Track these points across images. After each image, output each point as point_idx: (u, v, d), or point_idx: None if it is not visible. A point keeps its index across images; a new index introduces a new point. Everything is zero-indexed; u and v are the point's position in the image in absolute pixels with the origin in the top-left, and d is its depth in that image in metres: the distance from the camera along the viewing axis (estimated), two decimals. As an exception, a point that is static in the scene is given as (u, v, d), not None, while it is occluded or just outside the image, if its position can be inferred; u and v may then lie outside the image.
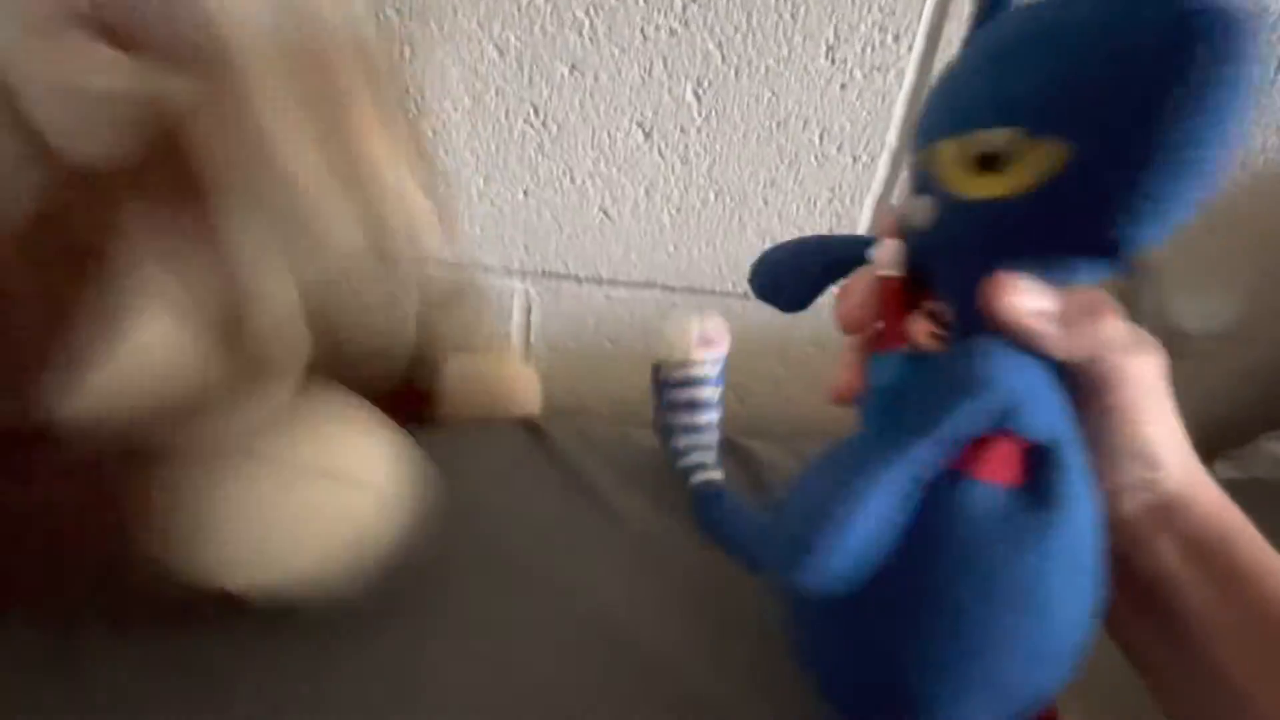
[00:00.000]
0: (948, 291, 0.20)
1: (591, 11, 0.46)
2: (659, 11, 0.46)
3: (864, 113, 0.49)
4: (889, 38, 0.47)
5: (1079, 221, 0.17)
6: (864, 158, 0.51)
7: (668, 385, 0.41)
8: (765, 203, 0.53)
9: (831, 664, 0.22)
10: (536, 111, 0.49)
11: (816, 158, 0.51)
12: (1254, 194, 0.53)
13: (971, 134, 0.17)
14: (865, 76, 0.48)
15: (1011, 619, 0.18)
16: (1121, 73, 0.15)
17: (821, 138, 0.50)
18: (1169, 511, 0.21)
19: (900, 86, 0.48)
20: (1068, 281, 0.18)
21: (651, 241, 0.55)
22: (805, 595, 0.21)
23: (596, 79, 0.48)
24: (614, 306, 0.58)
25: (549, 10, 0.46)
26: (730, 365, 0.61)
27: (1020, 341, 0.18)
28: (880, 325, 0.22)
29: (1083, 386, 0.20)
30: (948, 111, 0.19)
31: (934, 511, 0.18)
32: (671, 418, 0.41)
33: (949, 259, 0.20)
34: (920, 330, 0.20)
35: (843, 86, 0.48)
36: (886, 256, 0.21)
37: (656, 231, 0.54)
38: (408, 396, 0.50)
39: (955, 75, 0.19)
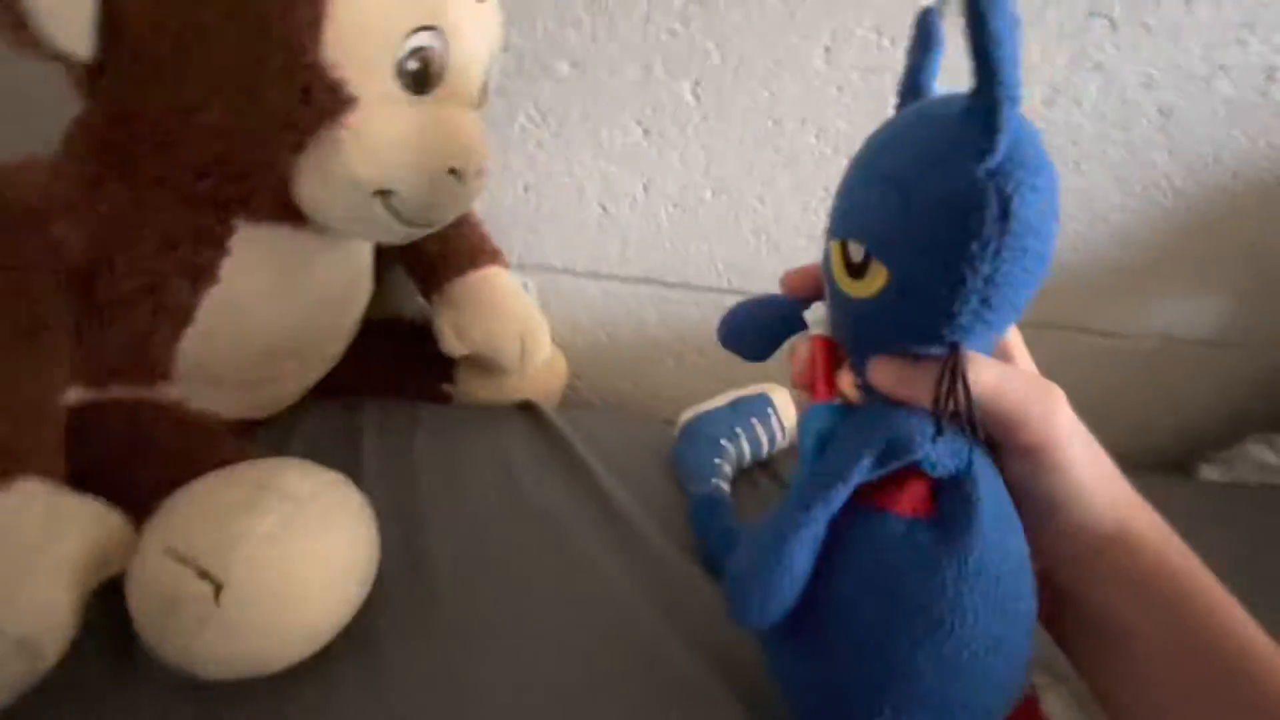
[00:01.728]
0: (854, 360, 0.24)
1: (592, 9, 0.46)
2: (659, 10, 0.46)
3: (860, 114, 0.50)
4: (886, 40, 0.47)
5: (908, 323, 0.20)
6: (859, 158, 0.52)
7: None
8: (761, 202, 0.54)
9: (789, 678, 0.25)
10: (537, 108, 0.50)
11: (813, 158, 0.52)
12: (1241, 203, 0.54)
13: (844, 243, 0.21)
14: (862, 78, 0.49)
15: (929, 636, 0.21)
16: (923, 225, 0.19)
17: (818, 137, 0.51)
18: (1110, 550, 0.23)
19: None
20: (931, 354, 0.21)
21: (649, 238, 0.55)
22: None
23: (596, 76, 0.49)
24: (610, 301, 0.59)
25: (550, 8, 0.46)
26: (719, 359, 0.62)
27: (900, 398, 0.22)
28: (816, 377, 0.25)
29: (996, 437, 0.22)
30: (839, 215, 0.22)
31: (856, 544, 0.22)
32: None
33: (847, 333, 0.23)
34: (846, 382, 0.24)
35: (839, 88, 0.49)
36: (821, 318, 0.24)
37: (654, 228, 0.55)
38: (425, 372, 0.52)
39: (849, 180, 0.22)
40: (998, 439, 0.23)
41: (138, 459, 0.34)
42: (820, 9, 0.46)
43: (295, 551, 0.29)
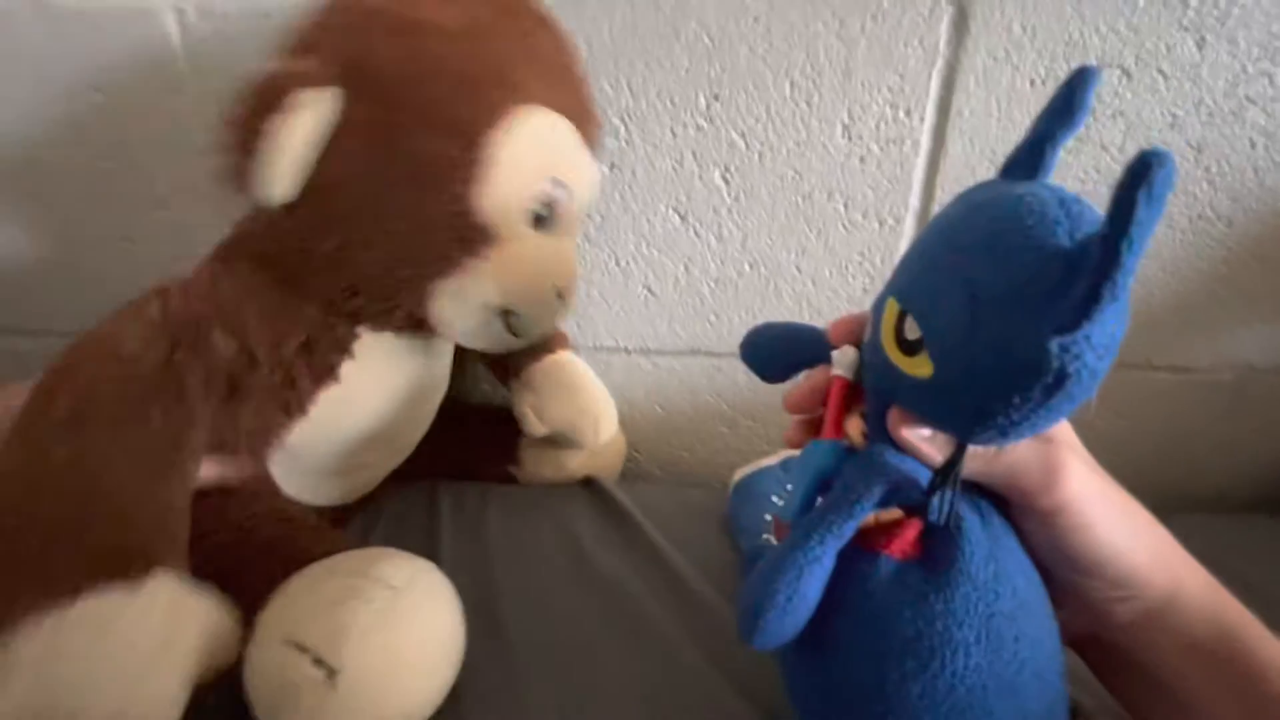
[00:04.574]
0: (872, 403, 0.24)
1: (626, 118, 0.52)
2: (685, 111, 0.51)
3: (884, 181, 0.52)
4: (900, 113, 0.50)
5: (931, 412, 0.22)
6: (889, 221, 0.54)
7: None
8: (799, 270, 0.56)
9: (802, 702, 0.26)
10: (582, 206, 0.55)
11: (844, 225, 0.54)
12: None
13: (903, 311, 0.21)
14: (882, 149, 0.51)
15: (921, 671, 0.22)
16: (979, 355, 0.19)
17: (846, 207, 0.54)
18: (1161, 615, 0.23)
19: (917, 155, 0.51)
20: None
21: (693, 313, 0.58)
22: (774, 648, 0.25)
23: (634, 174, 0.53)
24: (661, 374, 0.61)
25: (588, 121, 0.52)
26: (771, 423, 0.63)
27: (910, 453, 0.23)
28: (823, 414, 0.26)
29: (1013, 506, 0.24)
30: (908, 279, 0.22)
31: (850, 582, 0.24)
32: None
33: (873, 383, 0.24)
34: (855, 428, 0.25)
35: (861, 160, 0.52)
36: (843, 361, 0.25)
37: (697, 303, 0.58)
38: (492, 455, 0.55)
39: (931, 248, 0.22)
40: (1015, 507, 0.24)
41: (247, 552, 0.37)
42: (834, 93, 0.50)
43: (398, 637, 0.31)
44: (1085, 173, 0.51)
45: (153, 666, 0.29)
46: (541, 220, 0.39)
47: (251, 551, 0.37)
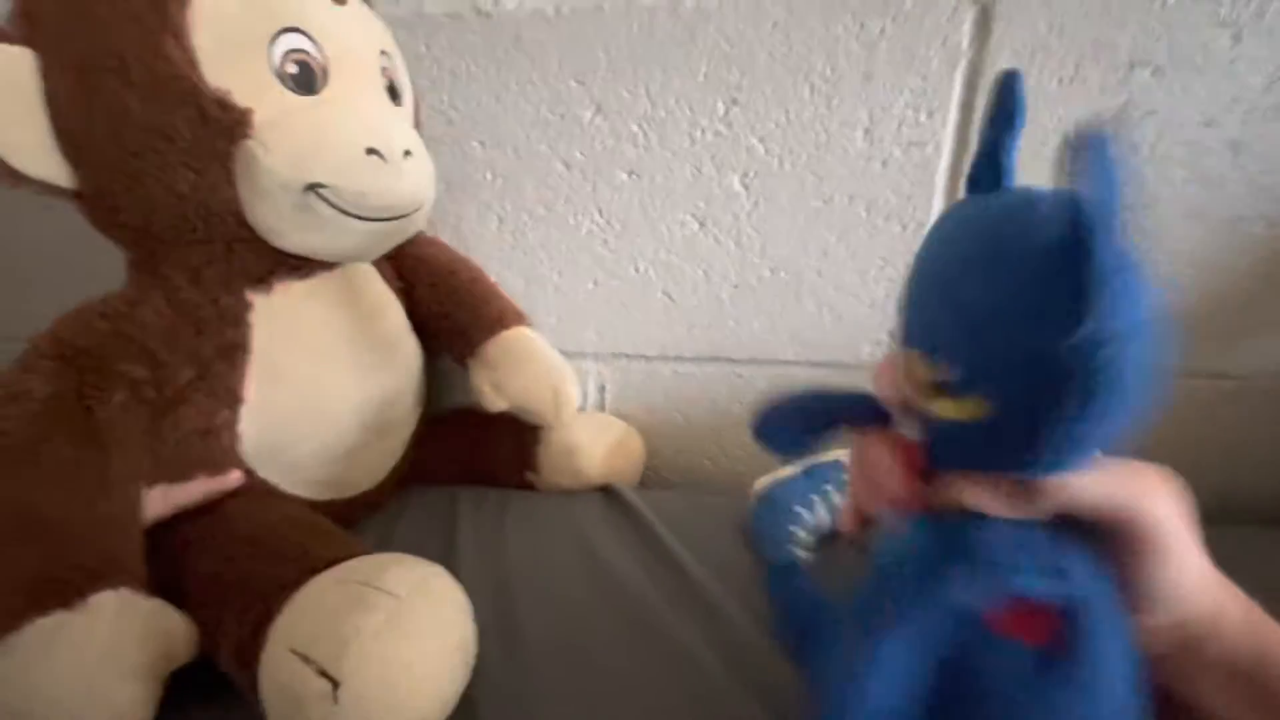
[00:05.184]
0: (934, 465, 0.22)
1: (644, 124, 0.52)
2: (704, 117, 0.51)
3: (907, 184, 0.52)
4: (922, 115, 0.49)
5: (1001, 453, 0.20)
6: (912, 225, 0.53)
7: None
8: (820, 274, 0.56)
9: None
10: (601, 213, 0.55)
11: (865, 229, 0.54)
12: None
13: (930, 359, 0.20)
14: (904, 152, 0.51)
15: None
16: (1032, 370, 0.18)
17: (868, 210, 0.53)
18: (1201, 643, 0.22)
19: (940, 157, 0.51)
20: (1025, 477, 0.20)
21: (712, 319, 0.58)
22: None
23: (652, 180, 0.53)
24: (681, 381, 0.61)
25: (607, 128, 0.52)
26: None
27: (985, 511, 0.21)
28: (888, 483, 0.23)
29: (1104, 537, 0.22)
30: (915, 321, 0.21)
31: (971, 669, 0.21)
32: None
33: (936, 444, 0.22)
34: (944, 492, 0.22)
35: (883, 163, 0.51)
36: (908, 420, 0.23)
37: (716, 309, 0.58)
38: (509, 461, 0.55)
39: (923, 292, 0.21)
40: (1104, 535, 0.22)
41: (259, 563, 0.37)
42: (855, 97, 0.49)
43: (401, 646, 0.31)
44: (1116, 173, 0.50)
45: (102, 678, 0.30)
46: (302, 80, 0.36)
47: (263, 562, 0.37)
